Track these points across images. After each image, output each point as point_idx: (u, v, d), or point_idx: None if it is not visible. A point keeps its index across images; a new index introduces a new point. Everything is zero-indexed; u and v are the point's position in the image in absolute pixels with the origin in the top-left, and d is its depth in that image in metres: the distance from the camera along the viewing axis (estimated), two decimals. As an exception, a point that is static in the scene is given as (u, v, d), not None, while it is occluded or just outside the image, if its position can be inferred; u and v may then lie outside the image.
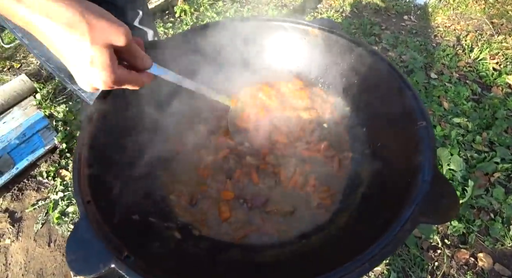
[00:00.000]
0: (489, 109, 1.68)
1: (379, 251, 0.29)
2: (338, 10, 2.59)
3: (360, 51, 0.52)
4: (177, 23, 2.47)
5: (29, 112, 1.90)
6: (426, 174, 0.34)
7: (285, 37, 0.64)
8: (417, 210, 0.31)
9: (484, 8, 2.76)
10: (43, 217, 1.42)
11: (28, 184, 1.56)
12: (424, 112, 0.40)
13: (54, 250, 1.31)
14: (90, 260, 0.30)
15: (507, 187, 1.35)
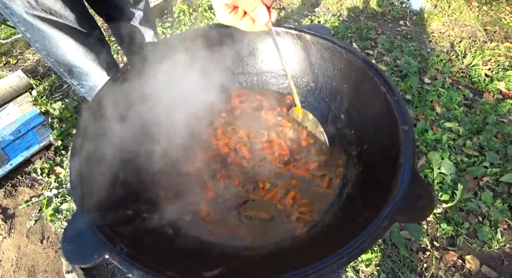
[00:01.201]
0: (480, 115, 1.72)
1: (357, 247, 0.31)
2: (335, 14, 2.62)
3: (349, 57, 0.54)
4: (175, 23, 2.48)
5: (24, 108, 1.89)
6: (405, 175, 0.35)
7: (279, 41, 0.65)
8: (395, 209, 0.33)
9: (478, 15, 2.81)
10: (36, 213, 1.41)
11: (22, 181, 1.55)
12: (406, 117, 0.42)
13: (47, 247, 1.31)
14: (85, 251, 0.31)
15: (495, 191, 1.38)
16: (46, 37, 0.75)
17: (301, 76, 0.68)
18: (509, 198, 1.36)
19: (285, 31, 0.63)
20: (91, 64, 0.85)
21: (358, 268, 1.14)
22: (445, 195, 1.32)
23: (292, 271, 0.31)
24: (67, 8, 0.73)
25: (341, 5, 2.77)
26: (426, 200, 0.34)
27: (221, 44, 0.68)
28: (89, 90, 0.94)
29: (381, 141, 0.46)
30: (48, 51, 0.80)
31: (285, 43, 0.64)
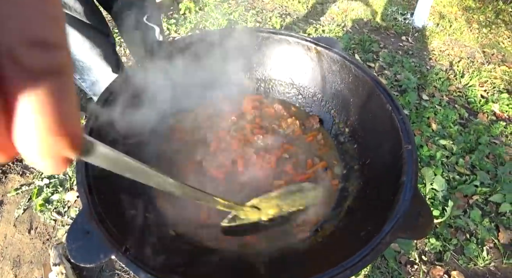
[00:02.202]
0: (474, 134, 1.76)
1: (360, 260, 0.32)
2: (340, 24, 2.66)
3: (357, 72, 0.55)
4: (180, 20, 2.48)
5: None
6: (407, 194, 0.37)
7: (289, 50, 0.67)
8: (397, 225, 0.34)
9: (478, 37, 2.89)
10: (26, 202, 1.39)
11: (13, 168, 1.52)
12: (410, 136, 0.43)
13: (34, 237, 1.29)
14: (90, 250, 0.31)
15: (484, 209, 1.42)
16: None
17: (309, 87, 0.69)
18: (497, 218, 1.40)
19: (296, 41, 0.63)
20: (96, 60, 0.84)
21: (346, 278, 1.15)
22: (436, 210, 1.34)
23: None
24: (77, 0, 0.72)
25: (346, 16, 2.81)
26: (426, 218, 0.35)
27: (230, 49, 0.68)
28: (90, 85, 0.93)
29: (384, 157, 0.47)
30: None
31: (295, 52, 0.65)
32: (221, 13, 2.59)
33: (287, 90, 0.73)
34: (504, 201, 1.41)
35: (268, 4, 2.89)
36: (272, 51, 0.68)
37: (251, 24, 2.49)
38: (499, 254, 1.28)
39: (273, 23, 2.52)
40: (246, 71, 0.70)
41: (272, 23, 2.53)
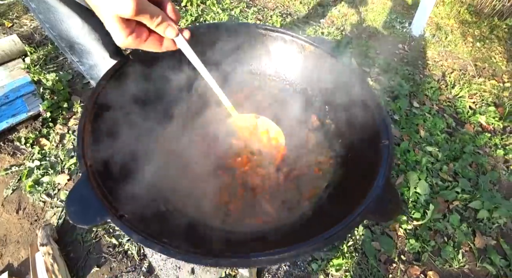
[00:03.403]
0: (459, 144, 1.83)
1: (334, 234, 0.36)
2: (339, 28, 2.70)
3: (346, 72, 0.59)
4: (182, 12, 2.47)
5: (15, 74, 1.84)
6: (380, 182, 0.40)
7: (284, 48, 0.70)
8: (368, 208, 0.38)
9: (471, 50, 2.97)
10: (15, 183, 1.38)
11: (3, 148, 1.51)
12: (389, 133, 0.47)
13: (22, 217, 1.29)
14: (88, 213, 0.33)
15: (463, 215, 1.48)
16: (51, 11, 0.74)
17: (300, 83, 0.73)
18: (475, 223, 1.46)
19: (291, 39, 0.67)
20: (95, 44, 0.85)
21: (328, 272, 1.19)
22: (417, 213, 1.40)
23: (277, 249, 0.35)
24: None
25: (346, 20, 2.85)
26: (395, 205, 0.39)
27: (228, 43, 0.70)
28: (88, 69, 0.94)
29: (364, 151, 0.51)
30: (52, 24, 0.79)
31: (290, 50, 0.69)
32: (222, 8, 2.59)
33: (280, 85, 0.76)
34: (482, 208, 1.47)
35: (270, 3, 2.91)
36: (268, 47, 0.71)
37: (251, 21, 2.51)
38: (474, 258, 1.34)
39: (274, 22, 2.54)
40: (242, 64, 0.73)
41: (272, 22, 2.56)
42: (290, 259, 0.34)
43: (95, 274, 1.13)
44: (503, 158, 1.87)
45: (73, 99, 1.73)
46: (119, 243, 1.19)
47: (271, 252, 0.36)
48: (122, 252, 1.17)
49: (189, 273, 0.79)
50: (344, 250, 1.24)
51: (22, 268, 1.16)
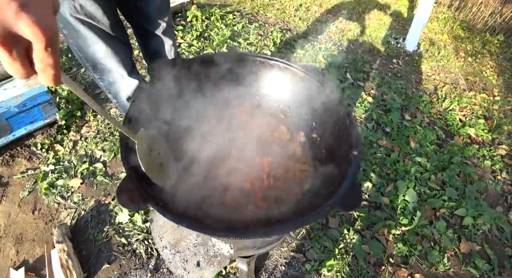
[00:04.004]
0: (447, 154, 1.93)
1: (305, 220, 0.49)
2: (336, 43, 2.84)
3: (328, 95, 0.72)
4: (187, 27, 2.63)
5: (31, 84, 1.96)
6: (347, 183, 0.52)
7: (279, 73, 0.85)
8: (336, 201, 0.50)
9: (463, 65, 3.10)
10: (31, 185, 1.49)
11: (20, 152, 1.62)
12: (359, 145, 0.59)
13: (38, 217, 1.38)
14: (134, 200, 0.45)
15: (449, 222, 1.57)
16: (81, 37, 0.88)
17: (292, 102, 0.87)
18: (460, 230, 1.55)
19: (285, 66, 0.81)
20: (115, 64, 0.98)
21: (321, 272, 1.28)
22: (405, 219, 1.49)
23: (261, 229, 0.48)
24: (104, 15, 0.86)
25: (343, 36, 3.00)
26: (356, 200, 0.51)
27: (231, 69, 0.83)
28: (107, 85, 1.06)
29: (339, 160, 0.63)
30: (80, 47, 0.92)
31: (284, 75, 0.84)
32: (225, 24, 2.75)
33: (275, 105, 0.89)
34: (467, 215, 1.57)
35: (271, 19, 3.07)
36: (266, 72, 0.84)
37: (253, 36, 2.65)
38: (459, 262, 1.43)
39: (274, 37, 2.69)
40: (244, 86, 0.86)
41: (273, 37, 2.70)
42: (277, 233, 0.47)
43: (106, 270, 1.22)
44: (490, 168, 1.97)
45: (85, 108, 1.85)
46: (128, 243, 1.29)
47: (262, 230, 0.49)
48: (131, 251, 1.27)
49: (195, 266, 0.89)
50: (336, 252, 1.33)
51: (37, 264, 1.25)
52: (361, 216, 1.49)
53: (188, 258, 0.92)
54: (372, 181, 1.66)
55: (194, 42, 2.45)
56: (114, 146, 1.66)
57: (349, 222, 1.49)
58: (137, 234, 1.31)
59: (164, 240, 0.98)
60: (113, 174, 1.57)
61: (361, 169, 1.69)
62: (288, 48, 2.66)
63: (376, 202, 1.57)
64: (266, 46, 2.58)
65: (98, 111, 0.49)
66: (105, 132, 1.74)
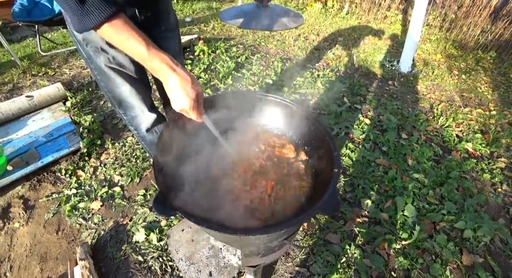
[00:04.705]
0: (445, 170, 2.01)
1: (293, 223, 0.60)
2: (333, 69, 3.04)
3: (316, 125, 0.89)
4: (195, 60, 2.88)
5: (57, 115, 2.19)
6: (328, 194, 0.65)
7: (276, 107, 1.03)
8: (318, 207, 0.62)
9: (457, 82, 3.22)
10: (55, 208, 1.63)
11: (46, 177, 1.79)
12: (338, 164, 0.73)
13: (61, 237, 1.51)
14: (165, 210, 0.59)
15: (450, 235, 1.62)
16: (111, 81, 1.07)
17: (288, 129, 1.06)
18: (462, 243, 1.59)
19: (280, 101, 1.01)
20: (137, 102, 1.16)
21: (324, 286, 1.34)
22: (405, 233, 1.55)
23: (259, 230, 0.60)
24: (131, 63, 1.05)
25: (340, 62, 3.21)
26: (335, 206, 0.63)
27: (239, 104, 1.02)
28: (130, 119, 1.24)
29: (325, 176, 0.77)
30: (109, 89, 1.11)
31: (280, 108, 1.04)
32: (230, 56, 3.00)
33: (275, 132, 1.07)
34: (466, 228, 1.61)
35: (272, 49, 3.33)
36: (265, 106, 1.04)
37: (255, 67, 2.88)
38: (461, 274, 1.46)
39: (275, 67, 2.91)
40: (247, 117, 1.04)
41: (274, 67, 2.92)
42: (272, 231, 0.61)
43: (123, 286, 1.31)
44: (490, 181, 2.02)
45: (104, 137, 2.04)
46: (144, 260, 1.39)
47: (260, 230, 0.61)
48: (147, 268, 1.36)
49: (207, 275, 0.98)
50: (338, 267, 1.39)
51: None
52: (361, 232, 1.56)
53: (202, 269, 1.03)
54: (371, 198, 1.74)
55: (202, 74, 2.68)
56: (130, 171, 1.81)
57: (350, 237, 1.56)
58: (152, 252, 1.41)
59: (180, 253, 1.09)
60: (130, 196, 1.70)
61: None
62: (289, 76, 2.87)
63: (376, 218, 1.65)
64: (268, 76, 2.79)
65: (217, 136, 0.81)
66: (123, 159, 1.91)
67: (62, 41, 3.36)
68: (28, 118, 2.16)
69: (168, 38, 1.15)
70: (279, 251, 0.96)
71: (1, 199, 1.67)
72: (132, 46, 0.65)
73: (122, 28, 0.64)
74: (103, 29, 0.64)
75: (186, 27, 3.78)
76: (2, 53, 3.17)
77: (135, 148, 1.98)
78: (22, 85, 2.61)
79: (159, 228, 1.50)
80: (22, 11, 2.64)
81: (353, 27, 4.20)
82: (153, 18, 1.07)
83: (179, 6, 4.64)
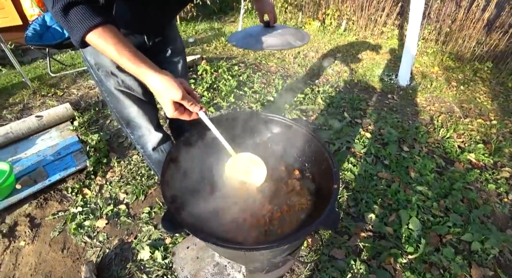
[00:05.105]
0: (448, 181, 2.00)
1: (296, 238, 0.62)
2: (333, 85, 3.11)
3: (315, 142, 0.93)
4: (198, 80, 2.97)
5: (65, 135, 2.26)
6: (329, 209, 0.67)
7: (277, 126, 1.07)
8: (319, 222, 0.64)
9: (456, 93, 3.25)
10: (61, 226, 1.65)
11: (53, 196, 1.82)
12: (337, 180, 0.76)
13: (66, 256, 1.52)
14: (172, 227, 0.62)
15: (457, 248, 1.59)
16: (120, 102, 1.13)
17: (289, 148, 1.09)
18: (470, 256, 1.56)
19: (281, 121, 1.06)
20: (144, 122, 1.22)
21: (330, 303, 1.32)
22: (411, 247, 1.53)
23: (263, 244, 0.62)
24: (139, 86, 1.12)
25: (339, 77, 3.29)
26: (335, 221, 0.65)
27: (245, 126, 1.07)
28: (137, 138, 1.29)
29: (324, 191, 0.79)
30: (118, 110, 1.16)
31: (281, 127, 1.07)
32: (231, 75, 3.10)
33: (276, 148, 1.11)
34: (473, 240, 1.59)
35: (272, 67, 3.43)
36: (267, 125, 1.08)
37: (257, 85, 2.95)
38: (471, 290, 1.43)
39: (276, 84, 2.98)
40: (250, 136, 1.08)
41: (275, 84, 3.00)
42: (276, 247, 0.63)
43: (127, 305, 1.30)
44: (495, 191, 2.00)
45: (110, 156, 2.09)
46: (147, 278, 1.39)
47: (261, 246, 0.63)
48: (150, 285, 1.36)
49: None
50: (344, 282, 1.37)
51: (65, 301, 1.35)
52: (366, 246, 1.55)
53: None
54: (374, 212, 1.73)
55: (205, 93, 2.76)
56: (136, 189, 1.84)
57: (355, 252, 1.54)
58: (157, 270, 1.41)
59: (185, 270, 1.10)
60: (135, 214, 1.72)
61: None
62: (290, 93, 2.93)
63: (380, 232, 1.64)
64: (269, 93, 2.86)
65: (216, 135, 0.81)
66: (128, 177, 1.94)
67: (70, 63, 3.50)
68: (36, 138, 2.22)
69: (174, 62, 1.22)
70: (283, 267, 0.96)
71: (8, 218, 1.70)
72: (118, 53, 0.66)
73: (107, 37, 0.66)
74: (89, 39, 0.66)
75: (189, 48, 3.92)
76: (14, 75, 3.30)
77: (140, 166, 2.02)
78: (32, 105, 2.70)
79: (164, 245, 1.50)
80: (35, 35, 2.79)
81: (351, 43, 4.32)
82: (161, 43, 1.14)
83: (182, 27, 4.84)
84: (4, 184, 1.68)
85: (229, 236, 0.79)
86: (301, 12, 5.16)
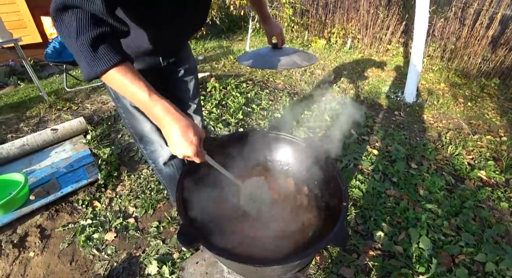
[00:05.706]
0: (458, 199, 1.97)
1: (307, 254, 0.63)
2: (340, 102, 3.15)
3: (323, 161, 0.96)
4: (207, 96, 3.05)
5: (78, 148, 2.32)
6: (337, 226, 0.68)
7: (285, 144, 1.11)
8: (329, 239, 0.65)
9: (463, 110, 3.24)
10: (70, 238, 1.67)
11: (64, 207, 1.85)
12: (346, 198, 0.77)
13: (75, 268, 1.53)
14: (187, 241, 0.64)
15: (471, 269, 1.54)
16: (134, 118, 1.18)
17: (299, 164, 1.11)
18: (484, 277, 1.51)
19: (289, 138, 1.09)
20: (157, 137, 1.26)
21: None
22: (422, 267, 1.50)
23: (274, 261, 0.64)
24: None
25: (346, 94, 3.34)
26: (345, 238, 0.66)
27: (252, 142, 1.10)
28: (149, 153, 1.33)
29: (333, 210, 0.81)
30: (132, 125, 1.22)
31: (289, 145, 1.11)
32: (240, 92, 3.17)
33: (285, 168, 1.14)
34: (487, 261, 1.54)
35: (280, 84, 3.51)
36: (275, 143, 1.12)
37: (264, 102, 3.01)
38: (486, 314, 1.37)
39: (283, 101, 3.04)
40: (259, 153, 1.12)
41: (282, 101, 3.05)
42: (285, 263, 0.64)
43: (133, 321, 1.29)
44: (508, 210, 1.95)
45: (121, 169, 2.13)
46: (154, 292, 1.38)
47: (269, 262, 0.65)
48: (156, 301, 1.35)
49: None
50: (354, 303, 1.34)
51: (71, 315, 1.34)
52: (376, 266, 1.52)
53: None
54: (383, 230, 1.71)
55: (214, 109, 2.83)
56: (145, 202, 1.86)
57: (365, 271, 1.51)
58: (163, 285, 1.40)
59: (193, 286, 1.09)
60: (143, 228, 1.73)
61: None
62: (297, 110, 2.97)
63: (390, 251, 1.60)
64: (277, 110, 2.91)
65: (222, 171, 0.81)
66: (138, 191, 1.97)
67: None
68: (51, 150, 2.29)
69: (187, 81, 1.28)
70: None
71: (20, 228, 1.73)
72: (135, 92, 0.66)
73: (127, 75, 0.66)
74: (109, 74, 0.65)
75: (199, 65, 4.06)
76: (32, 89, 3.45)
77: (150, 180, 2.05)
78: (47, 118, 2.81)
79: (172, 260, 1.50)
80: (54, 52, 2.96)
81: (357, 61, 4.41)
82: (175, 63, 1.20)
83: (192, 45, 5.03)
84: (19, 195, 1.72)
85: (239, 250, 0.80)
86: (307, 31, 5.33)
